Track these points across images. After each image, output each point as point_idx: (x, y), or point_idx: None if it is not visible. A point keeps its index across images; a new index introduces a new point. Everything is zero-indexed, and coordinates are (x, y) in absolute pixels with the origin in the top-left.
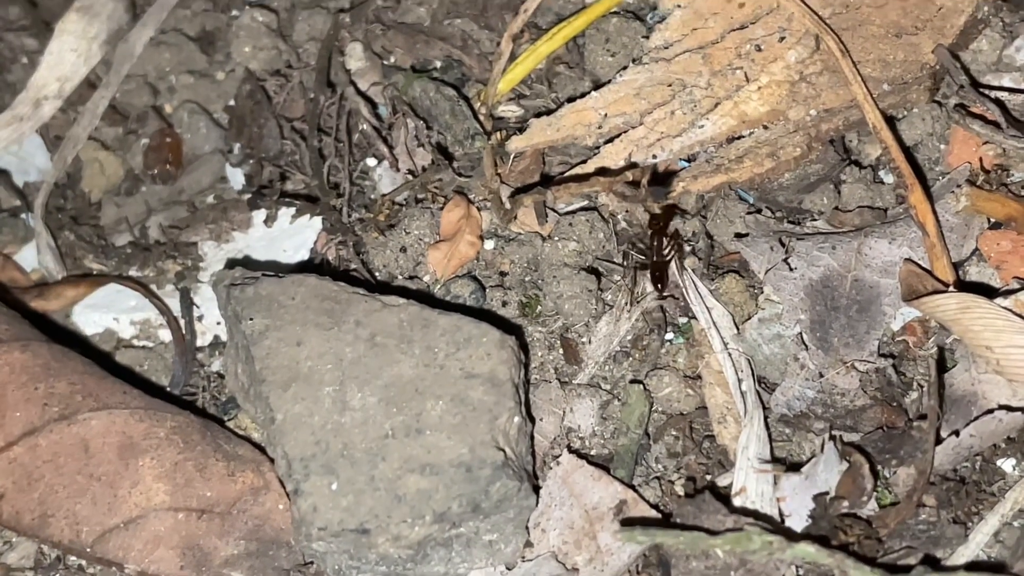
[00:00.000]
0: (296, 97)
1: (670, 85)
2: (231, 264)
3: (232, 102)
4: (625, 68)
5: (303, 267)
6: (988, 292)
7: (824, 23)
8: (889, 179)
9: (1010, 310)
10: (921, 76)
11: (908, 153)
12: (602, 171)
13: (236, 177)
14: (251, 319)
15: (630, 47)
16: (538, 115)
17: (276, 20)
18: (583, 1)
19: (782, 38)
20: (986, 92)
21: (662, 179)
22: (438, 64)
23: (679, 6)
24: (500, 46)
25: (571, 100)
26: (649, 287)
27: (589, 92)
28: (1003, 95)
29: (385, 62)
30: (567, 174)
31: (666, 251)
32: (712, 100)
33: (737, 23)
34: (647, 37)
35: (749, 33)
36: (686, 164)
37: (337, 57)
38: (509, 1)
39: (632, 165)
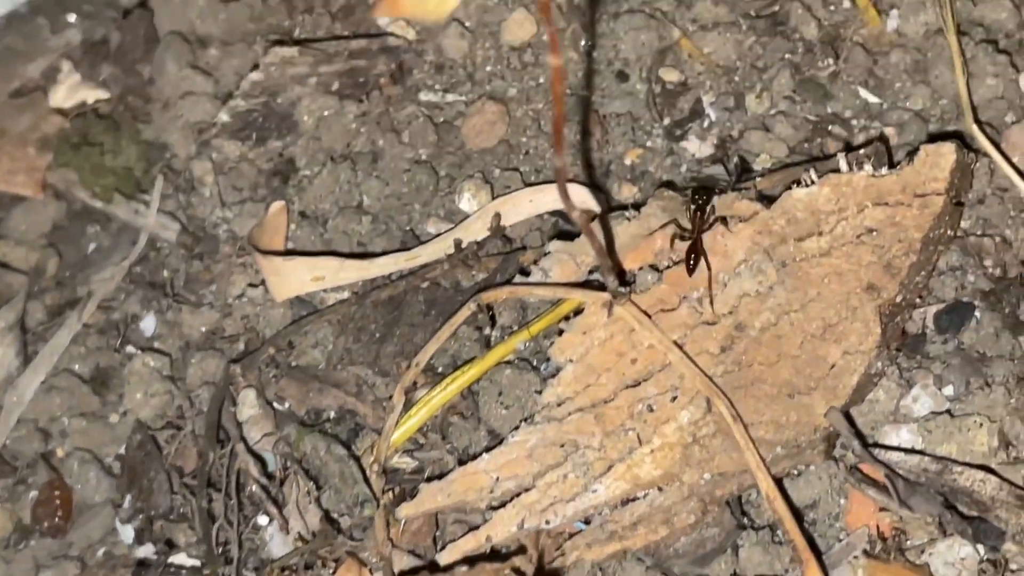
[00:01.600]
0: (188, 445)
1: (563, 446)
2: None
3: (124, 449)
4: (517, 428)
5: None
6: None
7: (715, 384)
8: None
9: None
10: (815, 439)
11: (803, 524)
12: (493, 552)
13: (126, 532)
14: None
15: (524, 399)
16: (429, 479)
17: (169, 363)
18: (477, 346)
19: (674, 398)
20: (880, 455)
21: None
22: (332, 414)
23: (571, 360)
24: (393, 398)
25: (462, 462)
26: None
27: (484, 443)
28: (898, 456)
29: (279, 407)
30: (454, 555)
31: (705, 227)
32: (605, 463)
33: (630, 380)
34: (540, 392)
35: (641, 391)
36: (583, 526)
37: (229, 407)
38: (402, 348)
39: (521, 550)
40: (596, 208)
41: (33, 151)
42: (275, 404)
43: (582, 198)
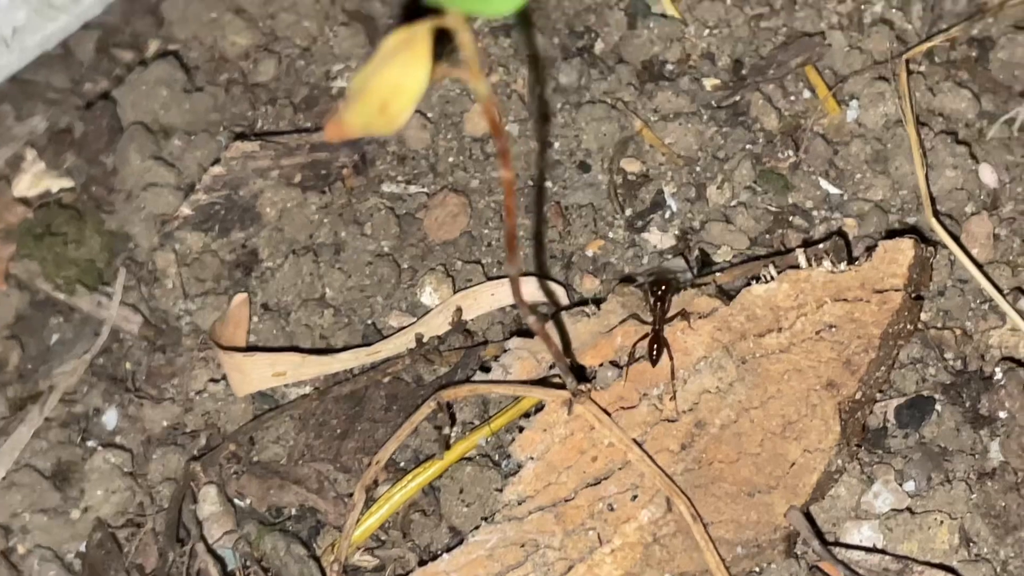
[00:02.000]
0: (149, 543)
1: (523, 546)
2: None
3: (84, 547)
4: (478, 527)
5: None
6: None
7: (674, 483)
8: None
9: None
10: (775, 539)
11: None
12: None
13: None
14: None
15: (485, 497)
16: None
17: (130, 459)
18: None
19: (635, 496)
20: (840, 554)
21: None
22: (293, 512)
23: (531, 458)
24: (354, 496)
25: (423, 561)
26: None
27: (446, 540)
28: (858, 555)
29: (240, 504)
30: None
31: (667, 318)
32: (566, 563)
33: (591, 477)
34: (500, 490)
35: (602, 490)
36: None
37: (190, 504)
38: (364, 444)
39: None
40: (551, 303)
41: None
42: (236, 500)
43: (539, 295)
